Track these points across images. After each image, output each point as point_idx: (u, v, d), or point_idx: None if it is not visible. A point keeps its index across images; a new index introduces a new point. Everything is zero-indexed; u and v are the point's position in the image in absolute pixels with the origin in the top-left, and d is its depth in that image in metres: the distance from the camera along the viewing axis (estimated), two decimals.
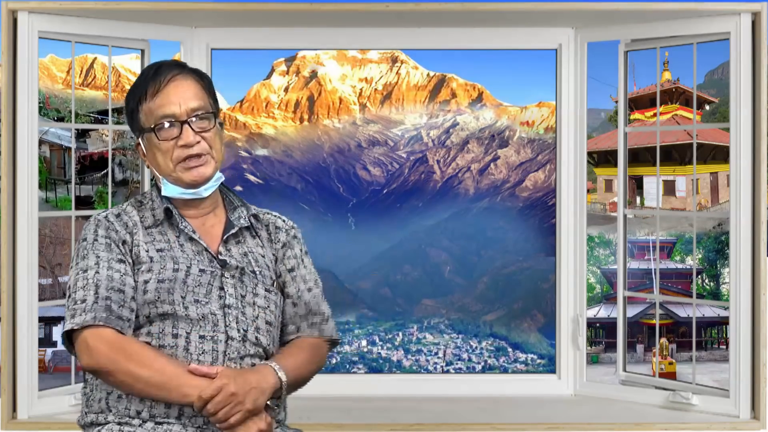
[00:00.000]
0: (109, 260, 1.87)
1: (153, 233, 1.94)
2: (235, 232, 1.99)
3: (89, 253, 1.88)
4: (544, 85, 3.77)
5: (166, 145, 1.91)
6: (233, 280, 1.92)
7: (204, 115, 1.92)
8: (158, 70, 1.93)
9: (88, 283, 1.84)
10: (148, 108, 1.92)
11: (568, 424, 3.19)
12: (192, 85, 1.94)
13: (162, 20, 3.36)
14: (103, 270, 1.85)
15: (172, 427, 1.81)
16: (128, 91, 1.99)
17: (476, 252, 4.40)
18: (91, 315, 1.81)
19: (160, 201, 1.97)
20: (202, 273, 1.89)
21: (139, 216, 1.96)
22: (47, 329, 3.37)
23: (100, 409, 1.86)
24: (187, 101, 1.91)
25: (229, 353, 1.86)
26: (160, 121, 1.90)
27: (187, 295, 1.87)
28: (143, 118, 1.93)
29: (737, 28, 3.15)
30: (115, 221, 1.94)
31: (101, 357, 1.79)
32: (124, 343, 1.81)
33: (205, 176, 1.93)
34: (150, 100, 1.91)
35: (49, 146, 3.36)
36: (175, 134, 1.91)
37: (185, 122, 1.90)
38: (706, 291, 3.54)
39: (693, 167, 3.37)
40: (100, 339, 1.80)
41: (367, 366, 4.15)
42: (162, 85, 1.91)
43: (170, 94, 1.91)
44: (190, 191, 1.94)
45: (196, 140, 1.91)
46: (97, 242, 1.90)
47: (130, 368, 1.78)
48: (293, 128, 4.49)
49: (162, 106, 1.90)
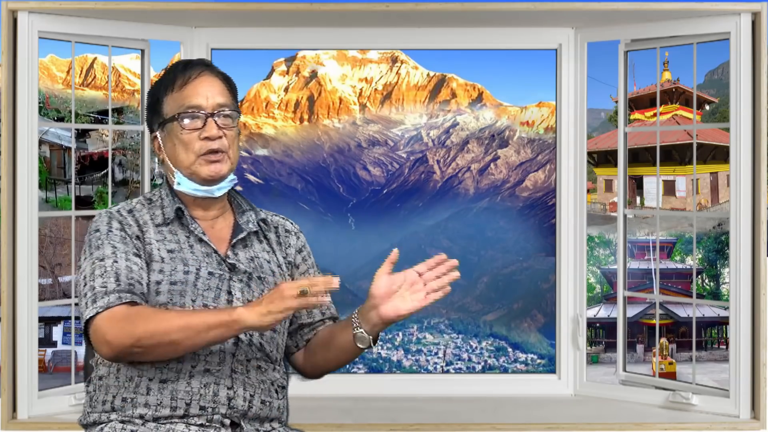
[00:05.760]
0: (126, 252, 1.85)
1: (163, 232, 1.93)
2: (243, 236, 1.99)
3: (104, 243, 1.86)
4: (544, 85, 3.77)
5: (188, 137, 1.91)
6: (241, 284, 1.92)
7: (228, 113, 1.94)
8: (188, 65, 1.95)
9: (107, 271, 1.81)
10: (175, 98, 1.92)
11: (568, 424, 3.19)
12: (219, 84, 1.96)
13: (162, 20, 3.36)
14: (122, 261, 1.84)
15: (176, 425, 1.81)
16: (153, 84, 1.99)
17: (476, 252, 4.39)
18: (116, 296, 1.78)
19: (171, 200, 1.96)
20: (211, 276, 1.89)
21: (149, 214, 1.95)
22: (47, 329, 3.37)
23: (104, 410, 1.86)
24: (215, 96, 1.93)
25: (238, 355, 1.87)
26: (186, 111, 1.91)
27: (197, 298, 1.86)
28: (167, 108, 1.93)
29: (737, 28, 3.15)
30: (128, 216, 1.93)
31: (119, 332, 1.73)
32: (136, 309, 1.77)
33: (222, 173, 1.93)
34: (177, 90, 1.92)
35: (49, 146, 3.37)
36: (198, 126, 1.91)
37: (210, 115, 1.91)
38: (706, 291, 3.54)
39: (693, 167, 3.37)
40: (112, 317, 1.76)
41: (367, 366, 4.14)
42: (191, 78, 1.93)
43: (198, 87, 1.93)
44: (204, 188, 1.94)
45: (219, 134, 1.92)
46: (112, 233, 1.88)
47: (152, 328, 1.73)
48: (293, 128, 4.49)
49: (189, 96, 1.92)
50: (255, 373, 1.89)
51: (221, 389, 1.84)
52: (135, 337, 1.73)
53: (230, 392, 1.85)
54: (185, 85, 1.93)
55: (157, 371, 1.82)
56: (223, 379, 1.84)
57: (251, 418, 1.88)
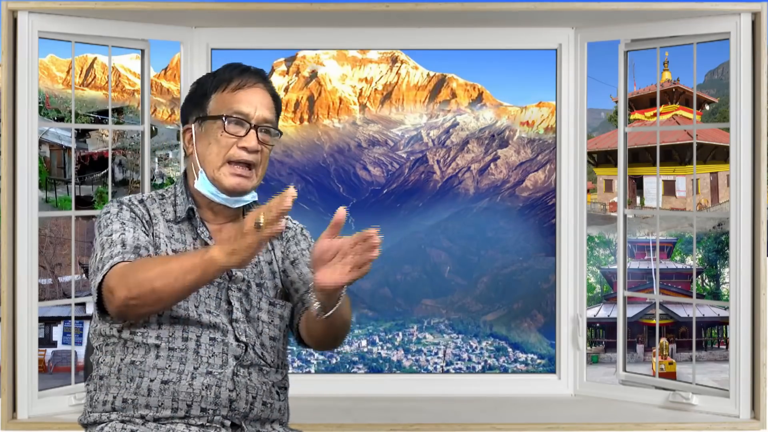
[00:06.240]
0: (134, 228, 1.86)
1: (173, 229, 1.92)
2: None
3: (113, 221, 1.86)
4: (544, 85, 3.77)
5: (227, 141, 1.89)
6: (239, 293, 1.91)
7: (271, 130, 1.93)
8: (247, 70, 1.94)
9: (113, 242, 1.82)
10: (224, 98, 1.91)
11: (568, 424, 3.19)
12: (269, 100, 1.94)
13: (162, 20, 3.36)
14: (129, 233, 1.84)
15: (176, 426, 1.81)
16: (204, 76, 1.97)
17: (476, 252, 4.39)
18: (119, 257, 1.78)
19: (185, 198, 1.95)
20: (210, 284, 1.88)
21: (160, 209, 1.94)
22: (47, 329, 3.36)
23: (104, 410, 1.85)
24: (263, 110, 1.91)
25: (241, 359, 1.87)
26: (233, 115, 1.89)
27: (200, 305, 1.87)
28: (213, 106, 1.91)
29: (737, 28, 3.15)
30: (139, 205, 1.93)
31: (119, 286, 1.73)
32: (131, 263, 1.77)
33: (245, 189, 1.91)
34: (229, 92, 1.91)
35: (49, 146, 3.36)
36: (241, 133, 1.89)
37: (255, 127, 1.90)
38: (706, 291, 3.54)
39: (693, 167, 3.37)
40: (113, 274, 1.75)
41: (367, 366, 4.14)
42: (247, 85, 1.92)
43: (251, 95, 1.91)
44: (223, 197, 1.92)
45: (257, 148, 1.90)
46: (122, 213, 1.89)
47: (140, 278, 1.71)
48: (293, 128, 4.49)
49: (240, 102, 1.90)
50: (257, 375, 1.89)
51: (223, 391, 1.84)
52: (127, 287, 1.72)
53: (232, 394, 1.85)
54: (239, 90, 1.91)
55: (159, 372, 1.82)
56: (225, 381, 1.84)
57: (252, 419, 1.88)
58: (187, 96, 1.98)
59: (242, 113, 1.90)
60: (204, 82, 1.96)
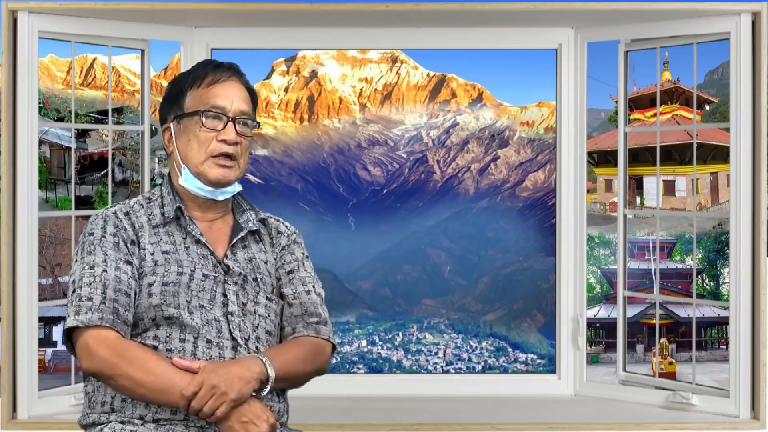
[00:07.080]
0: (117, 260, 1.86)
1: (160, 233, 1.93)
2: (242, 237, 1.98)
3: (96, 249, 1.87)
4: (544, 85, 3.78)
5: (206, 135, 1.92)
6: (235, 287, 1.92)
7: (248, 122, 1.95)
8: (220, 66, 1.97)
9: (95, 280, 1.83)
10: (200, 94, 1.93)
11: (568, 424, 3.19)
12: (245, 92, 1.98)
13: (162, 20, 3.36)
14: (111, 270, 1.84)
15: (176, 427, 1.81)
16: (179, 75, 2.00)
17: (476, 252, 4.40)
18: (98, 315, 1.80)
19: (171, 199, 1.96)
20: (206, 278, 1.89)
21: (147, 214, 1.95)
22: (47, 329, 3.37)
23: (103, 411, 1.85)
24: (239, 102, 1.94)
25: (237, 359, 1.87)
26: (210, 110, 1.92)
27: (192, 299, 1.87)
28: (189, 102, 1.94)
29: (737, 28, 3.15)
30: (124, 219, 1.93)
31: (102, 361, 1.78)
32: (126, 347, 1.80)
33: (229, 180, 1.94)
34: (204, 87, 1.94)
35: (49, 146, 3.36)
36: (219, 127, 1.92)
37: (232, 120, 1.93)
38: (706, 291, 3.54)
39: (693, 167, 3.37)
40: (102, 342, 1.79)
41: (367, 366, 4.15)
42: (221, 80, 1.95)
43: (226, 89, 1.94)
44: (208, 189, 1.94)
45: (236, 140, 1.93)
46: (105, 239, 1.89)
47: (130, 373, 1.77)
48: (293, 128, 4.49)
49: (216, 96, 1.93)
50: None
51: None
52: (116, 373, 1.78)
53: None
54: (213, 85, 1.94)
55: None
56: None
57: None
58: (164, 96, 2.01)
59: (219, 107, 1.92)
60: (179, 80, 1.98)
